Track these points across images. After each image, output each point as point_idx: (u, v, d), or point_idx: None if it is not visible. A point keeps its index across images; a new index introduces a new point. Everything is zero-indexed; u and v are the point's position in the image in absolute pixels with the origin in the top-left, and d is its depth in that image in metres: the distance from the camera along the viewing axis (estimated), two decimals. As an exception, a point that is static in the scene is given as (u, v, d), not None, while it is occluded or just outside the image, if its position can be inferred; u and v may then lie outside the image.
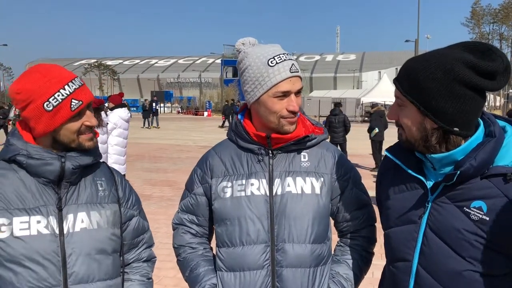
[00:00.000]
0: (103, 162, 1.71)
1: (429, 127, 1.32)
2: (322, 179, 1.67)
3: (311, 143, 1.70)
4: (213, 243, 1.82)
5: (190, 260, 1.77)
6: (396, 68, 76.56)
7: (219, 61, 71.59)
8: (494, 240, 1.26)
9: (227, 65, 64.34)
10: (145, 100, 31.27)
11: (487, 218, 1.26)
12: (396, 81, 1.37)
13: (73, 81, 1.47)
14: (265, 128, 1.65)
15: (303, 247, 1.61)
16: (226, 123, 30.51)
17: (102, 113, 6.68)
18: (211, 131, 27.14)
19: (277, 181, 1.64)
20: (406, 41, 40.86)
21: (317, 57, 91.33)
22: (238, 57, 1.68)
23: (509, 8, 72.46)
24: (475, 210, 1.29)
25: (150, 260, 1.82)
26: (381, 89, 40.47)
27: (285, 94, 1.58)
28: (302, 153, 1.69)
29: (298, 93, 1.61)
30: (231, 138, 1.76)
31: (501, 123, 1.39)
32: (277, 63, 1.57)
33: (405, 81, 1.34)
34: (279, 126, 1.61)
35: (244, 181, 1.66)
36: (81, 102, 1.46)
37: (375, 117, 12.69)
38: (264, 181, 1.65)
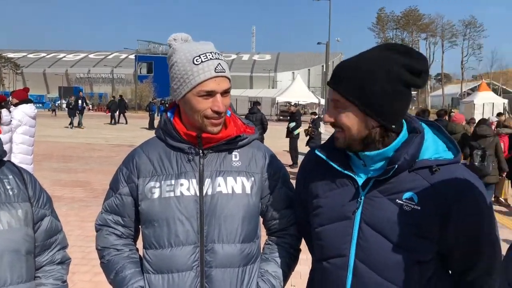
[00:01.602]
0: (8, 160, 1.61)
1: (371, 126, 1.37)
2: (252, 178, 1.67)
3: (243, 143, 1.69)
4: (139, 244, 1.76)
5: (115, 263, 1.69)
6: (309, 70, 79.40)
7: (132, 56, 69.33)
8: (424, 227, 1.35)
9: (141, 61, 62.52)
10: (70, 96, 28.94)
11: (419, 208, 1.35)
12: (334, 84, 1.39)
13: None
14: (194, 126, 1.63)
15: (232, 247, 1.60)
16: (127, 120, 29.76)
17: (4, 110, 6.19)
18: (124, 129, 26.20)
19: (207, 181, 1.62)
20: (318, 43, 42.53)
21: (234, 56, 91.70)
22: (168, 53, 1.64)
23: (410, 16, 78.31)
24: (407, 201, 1.36)
25: (64, 262, 1.73)
26: (295, 89, 41.74)
27: (210, 94, 1.55)
28: (233, 153, 1.68)
29: (225, 93, 1.59)
30: (160, 136, 1.70)
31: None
32: (202, 61, 1.54)
33: (345, 83, 1.35)
34: (203, 126, 1.59)
35: (173, 181, 1.61)
36: None
37: (299, 116, 13.31)
38: (194, 181, 1.61)
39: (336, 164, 1.46)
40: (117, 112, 29.98)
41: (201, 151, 1.64)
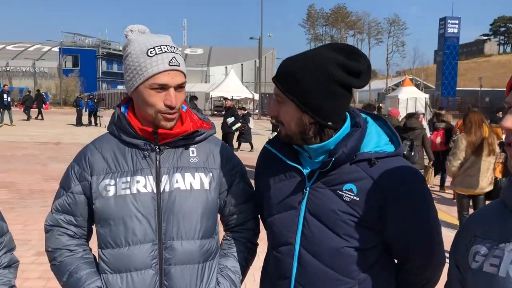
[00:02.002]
0: None
1: (307, 122, 1.42)
2: (211, 174, 1.66)
3: (200, 138, 1.67)
4: (92, 244, 1.70)
5: (69, 264, 1.62)
6: (242, 64, 79.75)
7: (56, 49, 65.79)
8: (364, 217, 1.41)
9: (66, 54, 59.54)
10: None
11: (358, 199, 1.41)
12: (276, 81, 1.43)
13: None
14: (148, 121, 1.59)
15: (192, 243, 1.59)
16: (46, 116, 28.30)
17: None
18: (49, 126, 24.80)
19: (164, 178, 1.58)
20: (251, 38, 42.92)
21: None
22: (124, 43, 1.61)
23: (338, 13, 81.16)
24: (347, 192, 1.42)
25: (12, 265, 1.64)
26: (229, 84, 41.68)
27: (163, 87, 1.52)
28: (190, 149, 1.65)
29: (179, 88, 1.56)
30: (113, 132, 1.64)
31: (363, 115, 1.55)
32: (156, 53, 1.51)
33: (284, 80, 1.41)
34: (156, 121, 1.56)
35: (129, 179, 1.56)
36: None
37: (236, 111, 13.46)
38: (150, 178, 1.58)
39: (284, 157, 1.51)
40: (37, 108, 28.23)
41: (157, 147, 1.60)
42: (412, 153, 7.78)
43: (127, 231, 1.54)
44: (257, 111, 41.40)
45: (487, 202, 5.91)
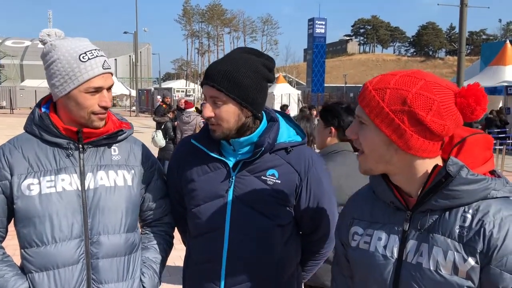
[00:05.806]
0: None
1: (245, 116, 1.62)
2: (133, 171, 1.75)
3: (121, 137, 1.76)
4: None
5: None
6: (116, 59, 76.34)
7: None
8: (283, 197, 1.67)
9: None
10: None
11: (279, 181, 1.66)
12: (214, 83, 1.57)
13: None
14: (73, 122, 1.64)
15: (118, 237, 1.67)
16: None
17: None
18: None
19: (89, 175, 1.65)
20: (125, 32, 41.49)
21: (28, 43, 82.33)
22: (44, 48, 1.62)
23: (214, 10, 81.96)
24: (270, 177, 1.66)
25: None
26: (103, 80, 39.71)
27: (97, 90, 1.61)
28: (112, 147, 1.74)
29: (109, 89, 1.66)
30: (33, 131, 1.66)
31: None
32: (89, 58, 1.59)
33: (223, 81, 1.56)
34: (89, 122, 1.63)
35: (53, 177, 1.61)
36: None
37: None
38: (75, 175, 1.63)
39: (209, 151, 1.68)
40: None
41: (80, 146, 1.66)
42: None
43: (54, 229, 1.57)
44: (134, 107, 40.13)
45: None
